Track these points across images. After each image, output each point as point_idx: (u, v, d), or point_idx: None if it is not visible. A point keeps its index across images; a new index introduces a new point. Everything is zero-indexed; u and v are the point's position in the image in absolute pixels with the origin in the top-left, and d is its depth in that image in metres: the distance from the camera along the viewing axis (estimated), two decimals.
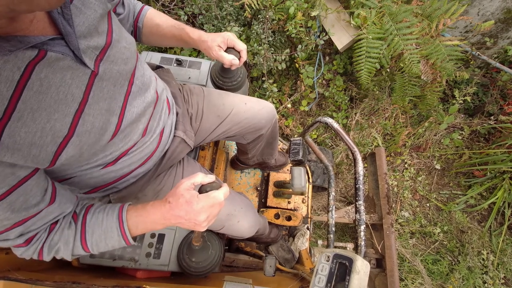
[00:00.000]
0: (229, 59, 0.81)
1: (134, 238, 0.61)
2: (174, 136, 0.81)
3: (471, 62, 2.12)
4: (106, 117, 0.53)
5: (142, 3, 0.83)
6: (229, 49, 0.82)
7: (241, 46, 0.83)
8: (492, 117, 2.11)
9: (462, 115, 2.25)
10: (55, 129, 0.45)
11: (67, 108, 0.46)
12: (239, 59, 0.84)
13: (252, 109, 1.00)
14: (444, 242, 2.04)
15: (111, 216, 0.59)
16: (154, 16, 0.83)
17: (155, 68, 0.95)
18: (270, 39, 1.84)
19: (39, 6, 0.33)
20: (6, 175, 0.43)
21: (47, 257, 0.55)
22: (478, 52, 1.94)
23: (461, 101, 2.09)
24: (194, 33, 0.81)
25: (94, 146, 0.54)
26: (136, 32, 0.83)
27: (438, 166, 2.19)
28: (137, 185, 0.76)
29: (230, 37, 0.81)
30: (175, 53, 2.04)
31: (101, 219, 0.58)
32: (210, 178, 0.62)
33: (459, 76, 1.80)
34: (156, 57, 1.26)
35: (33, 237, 0.53)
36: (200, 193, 0.59)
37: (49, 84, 0.43)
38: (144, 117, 0.66)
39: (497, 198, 1.95)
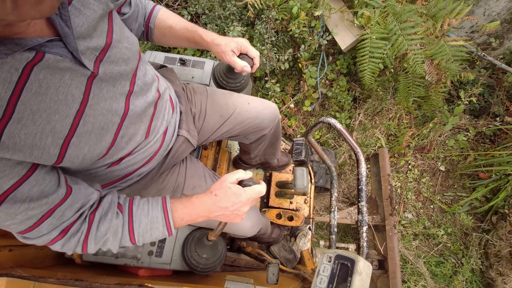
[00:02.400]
0: (241, 66, 0.82)
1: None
2: (178, 135, 0.82)
3: (477, 63, 2.10)
4: (107, 117, 0.53)
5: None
6: (242, 55, 0.83)
7: (254, 53, 0.84)
8: (498, 119, 2.09)
9: (467, 116, 2.23)
10: (55, 130, 0.45)
11: (67, 109, 0.46)
12: (252, 65, 0.85)
13: (255, 109, 1.00)
14: (447, 244, 2.02)
15: (156, 207, 0.60)
16: (167, 18, 0.83)
17: (159, 67, 0.95)
18: (273, 39, 1.84)
19: (29, 15, 0.33)
20: (13, 165, 0.43)
21: (93, 249, 0.56)
22: (483, 53, 1.92)
23: (467, 102, 2.06)
24: (207, 35, 0.82)
25: (96, 146, 0.54)
26: (147, 32, 0.83)
27: (442, 168, 2.17)
28: (141, 183, 0.77)
29: (243, 43, 0.82)
30: (178, 52, 2.04)
31: (147, 210, 0.60)
32: (249, 174, 0.67)
33: (464, 76, 1.78)
34: (159, 57, 1.26)
35: (69, 228, 0.52)
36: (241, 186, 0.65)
37: (48, 85, 0.43)
38: (146, 117, 0.66)
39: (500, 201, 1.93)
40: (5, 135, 0.40)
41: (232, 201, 0.61)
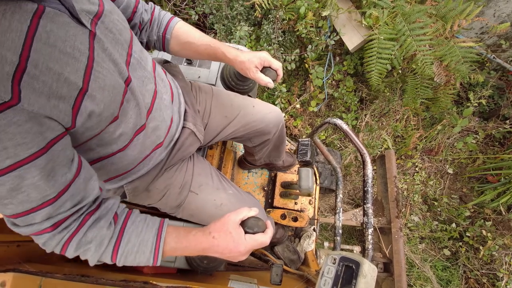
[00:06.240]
0: (266, 82, 0.84)
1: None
2: (184, 127, 0.83)
3: (486, 64, 2.06)
4: (115, 77, 0.53)
5: (154, 3, 0.84)
6: (265, 68, 0.85)
7: (277, 65, 0.85)
8: (507, 121, 2.05)
9: (476, 119, 2.19)
10: (70, 81, 0.45)
11: (77, 63, 0.46)
12: (275, 77, 0.87)
13: (259, 113, 1.00)
14: (453, 249, 1.99)
15: (150, 229, 0.58)
16: (186, 32, 0.83)
17: (163, 62, 0.96)
18: (280, 39, 1.83)
19: None
20: (35, 134, 0.42)
21: (71, 253, 0.52)
22: (493, 55, 1.89)
23: (476, 104, 2.03)
24: (230, 53, 0.82)
25: (110, 106, 0.53)
26: (164, 43, 0.84)
27: (450, 171, 2.14)
28: (150, 175, 0.78)
29: (266, 57, 0.84)
30: None
31: (140, 229, 0.57)
32: (254, 211, 0.63)
33: (473, 78, 1.76)
34: (166, 56, 1.27)
35: (62, 222, 0.49)
36: (244, 229, 0.61)
37: (55, 37, 0.44)
38: (148, 92, 0.66)
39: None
40: (25, 77, 0.40)
41: (229, 249, 0.58)
